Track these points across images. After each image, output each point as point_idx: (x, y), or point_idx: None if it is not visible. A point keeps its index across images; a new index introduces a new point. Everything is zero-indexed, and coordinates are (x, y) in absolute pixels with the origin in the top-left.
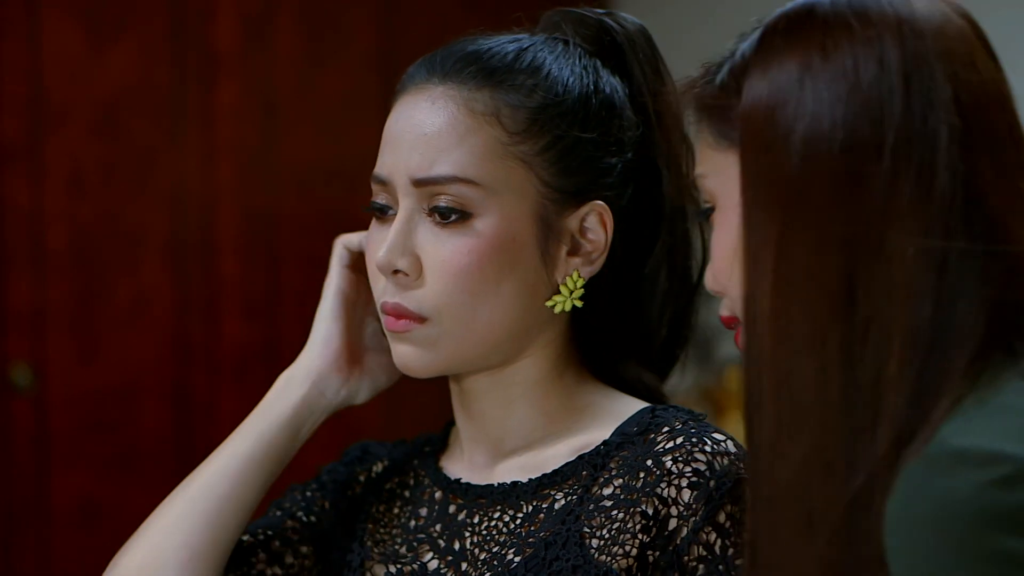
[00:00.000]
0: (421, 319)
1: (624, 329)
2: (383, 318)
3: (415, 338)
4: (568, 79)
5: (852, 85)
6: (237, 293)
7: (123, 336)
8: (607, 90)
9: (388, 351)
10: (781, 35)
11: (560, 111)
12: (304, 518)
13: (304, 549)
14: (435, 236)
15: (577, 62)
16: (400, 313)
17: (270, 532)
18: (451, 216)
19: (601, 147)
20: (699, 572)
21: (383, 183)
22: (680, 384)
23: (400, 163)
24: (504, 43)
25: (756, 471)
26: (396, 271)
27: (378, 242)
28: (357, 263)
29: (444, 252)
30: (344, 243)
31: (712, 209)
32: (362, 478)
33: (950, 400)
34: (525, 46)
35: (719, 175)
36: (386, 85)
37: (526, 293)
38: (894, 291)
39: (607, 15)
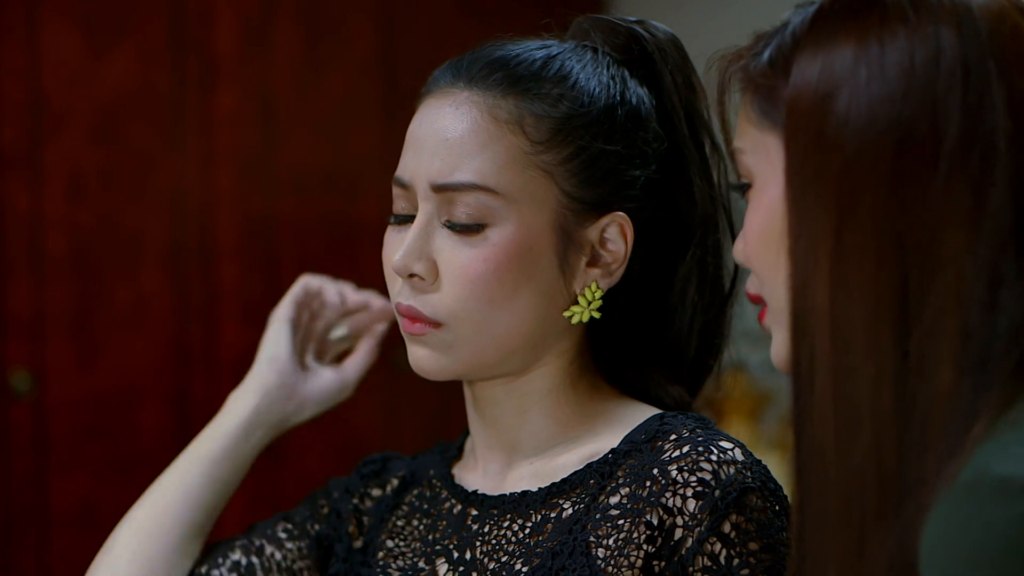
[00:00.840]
0: (436, 324)
1: (649, 341)
2: (399, 319)
3: (430, 342)
4: (595, 89)
5: (909, 79)
6: (236, 297)
7: (122, 341)
8: (633, 101)
9: (329, 376)
10: (836, 17)
11: (585, 122)
12: (296, 518)
13: (291, 545)
14: (452, 243)
15: (605, 71)
16: (414, 316)
17: (258, 529)
18: (468, 224)
19: (624, 159)
20: None
21: (404, 186)
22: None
23: (421, 167)
24: (532, 50)
25: (808, 468)
26: (412, 275)
27: (395, 245)
28: (311, 301)
29: (460, 259)
30: (305, 283)
31: (748, 185)
32: (375, 492)
33: (987, 419)
34: (554, 53)
35: (758, 154)
36: (385, 89)
37: (543, 302)
38: (948, 300)
39: (638, 23)
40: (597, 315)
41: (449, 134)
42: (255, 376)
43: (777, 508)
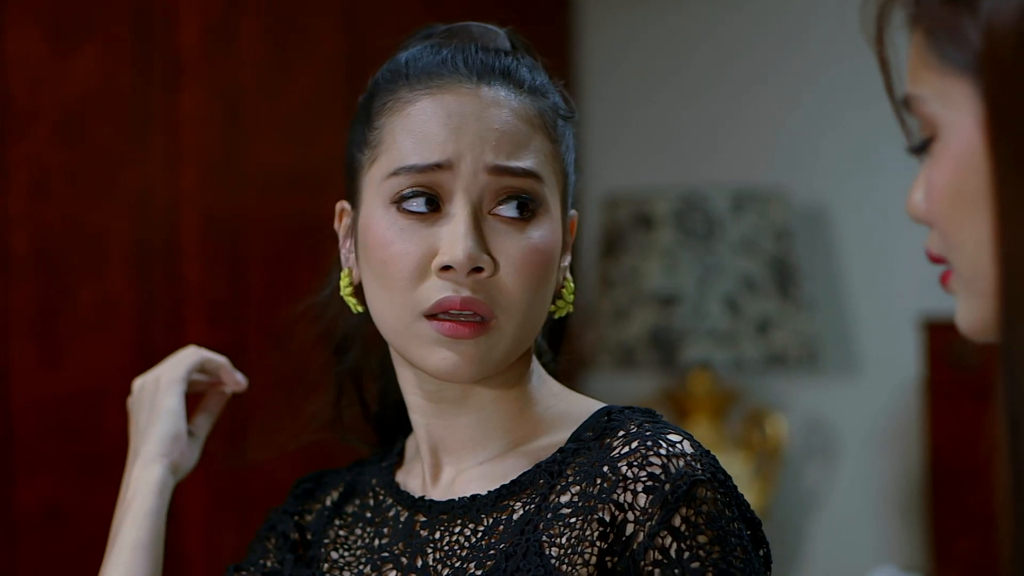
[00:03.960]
0: (491, 316)
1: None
2: (435, 325)
3: (480, 343)
4: (554, 89)
5: None
6: (201, 297)
7: (87, 340)
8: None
9: (193, 444)
10: None
11: (573, 120)
12: (248, 566)
13: None
14: (506, 231)
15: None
16: (474, 308)
17: None
18: (526, 209)
19: (575, 155)
20: None
21: (441, 167)
22: (645, 387)
23: (468, 150)
24: (509, 60)
25: (1015, 455)
26: (475, 269)
27: (421, 238)
28: (199, 370)
29: (520, 248)
30: (202, 354)
31: (928, 141)
32: (314, 507)
33: None
34: (527, 64)
35: (944, 101)
36: (351, 89)
37: (549, 299)
38: None
39: (512, 31)
40: (572, 309)
41: (496, 124)
42: (159, 452)
43: (727, 499)
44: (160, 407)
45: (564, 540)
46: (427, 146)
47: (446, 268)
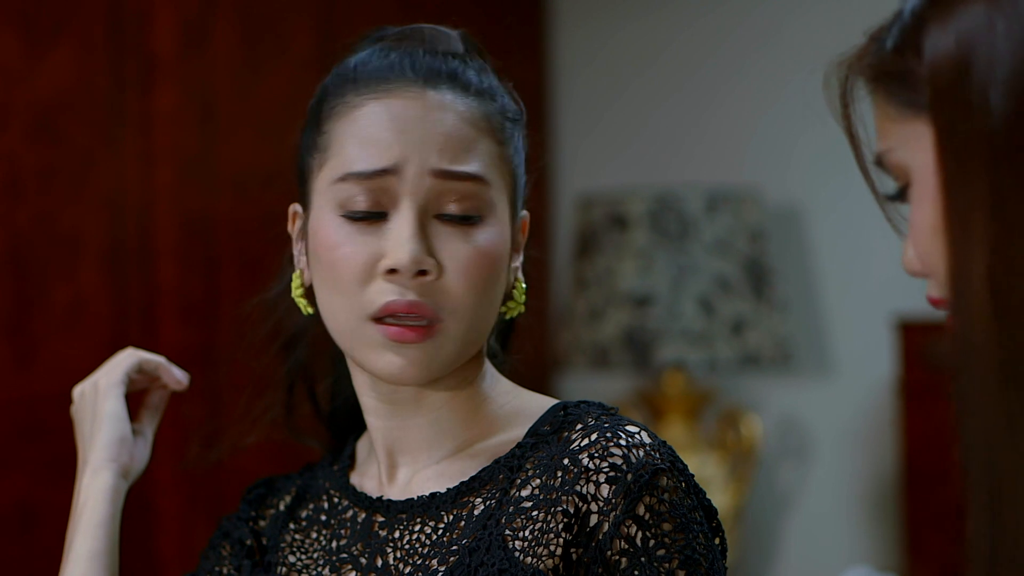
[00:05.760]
0: (437, 320)
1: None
2: (382, 329)
3: (425, 347)
4: (505, 92)
5: None
6: (175, 297)
7: (60, 341)
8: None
9: (141, 443)
10: None
11: (521, 123)
12: (212, 569)
13: None
14: (451, 235)
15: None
16: (419, 311)
17: None
18: (471, 213)
19: (525, 158)
20: (622, 566)
21: (388, 172)
22: (619, 388)
23: (413, 154)
24: (455, 63)
25: (975, 461)
26: (420, 272)
27: (367, 243)
28: (137, 372)
29: (464, 251)
30: (139, 356)
31: (904, 189)
32: (268, 512)
33: None
34: (475, 67)
35: (908, 146)
36: None
37: (499, 301)
38: None
39: (465, 33)
40: (523, 309)
41: (441, 128)
42: (106, 458)
43: (686, 487)
44: (101, 413)
45: (527, 533)
46: (373, 151)
47: (392, 271)
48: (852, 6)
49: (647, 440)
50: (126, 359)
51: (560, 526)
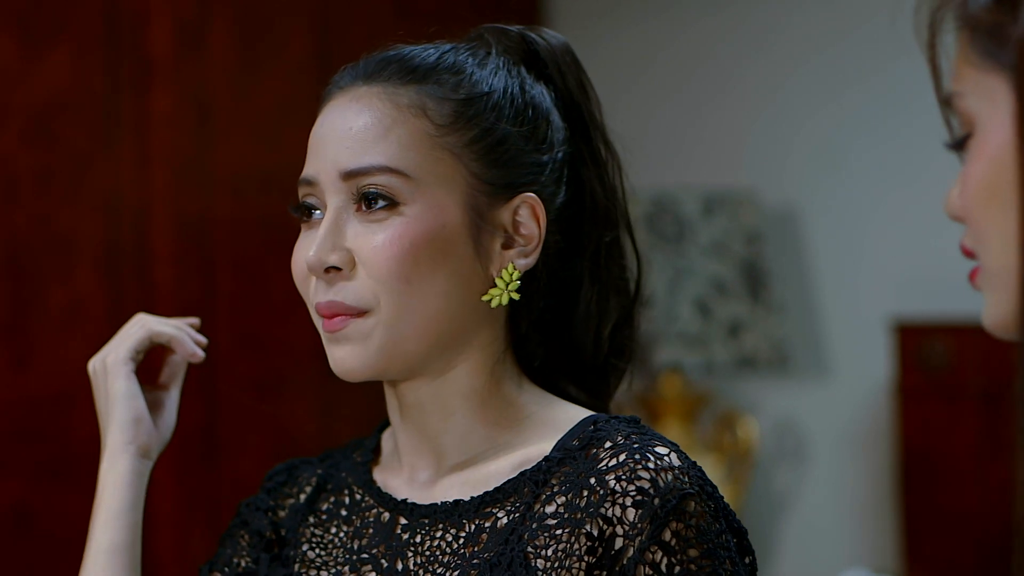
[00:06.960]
0: (359, 312)
1: (557, 342)
2: (319, 321)
3: (351, 334)
4: (491, 78)
5: None
6: (171, 299)
7: (57, 343)
8: (533, 92)
9: (165, 410)
10: None
11: (487, 105)
12: (220, 563)
13: None
14: (365, 228)
15: (501, 66)
16: (335, 310)
17: None
18: (379, 203)
19: (530, 142)
20: None
21: (310, 183)
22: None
23: (327, 161)
24: (426, 48)
25: None
26: (328, 269)
27: (306, 245)
28: (149, 342)
29: (375, 241)
30: (148, 328)
31: (966, 137)
32: (287, 502)
33: None
34: (446, 50)
35: (981, 97)
36: (321, 91)
37: (461, 285)
38: None
39: (529, 29)
40: (516, 296)
41: (353, 125)
42: (123, 441)
43: (715, 511)
44: (112, 393)
45: (550, 552)
46: (308, 160)
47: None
48: (847, 11)
49: (676, 463)
50: (135, 332)
51: (583, 549)
